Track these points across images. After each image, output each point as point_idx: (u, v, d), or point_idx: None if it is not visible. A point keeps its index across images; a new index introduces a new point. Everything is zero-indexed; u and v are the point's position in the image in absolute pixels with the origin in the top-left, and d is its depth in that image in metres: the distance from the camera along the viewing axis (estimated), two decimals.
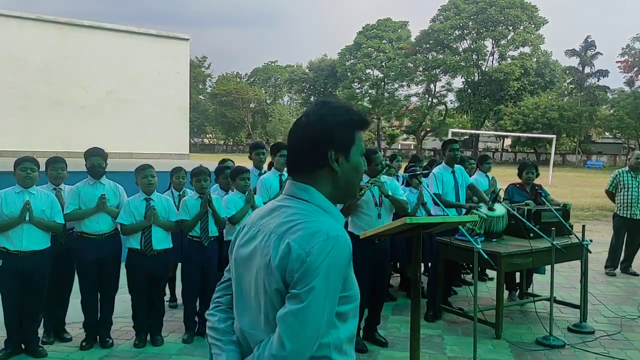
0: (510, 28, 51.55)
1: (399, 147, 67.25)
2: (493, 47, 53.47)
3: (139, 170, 4.66)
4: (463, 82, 55.07)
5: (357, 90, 59.84)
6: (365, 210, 4.55)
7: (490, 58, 54.23)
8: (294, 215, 1.41)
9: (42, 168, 4.49)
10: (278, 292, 1.36)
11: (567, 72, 54.69)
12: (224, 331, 1.55)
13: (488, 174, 6.90)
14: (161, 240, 4.64)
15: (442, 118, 57.51)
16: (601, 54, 52.86)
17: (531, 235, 5.17)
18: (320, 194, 1.46)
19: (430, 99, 58.14)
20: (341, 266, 1.37)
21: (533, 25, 51.63)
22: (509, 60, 51.84)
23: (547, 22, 52.13)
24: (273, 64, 75.99)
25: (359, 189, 1.59)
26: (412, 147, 65.72)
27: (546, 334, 4.90)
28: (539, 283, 6.39)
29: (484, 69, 53.47)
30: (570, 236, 5.42)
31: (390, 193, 4.58)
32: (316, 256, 1.31)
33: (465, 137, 52.99)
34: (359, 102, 61.11)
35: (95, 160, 4.58)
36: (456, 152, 5.73)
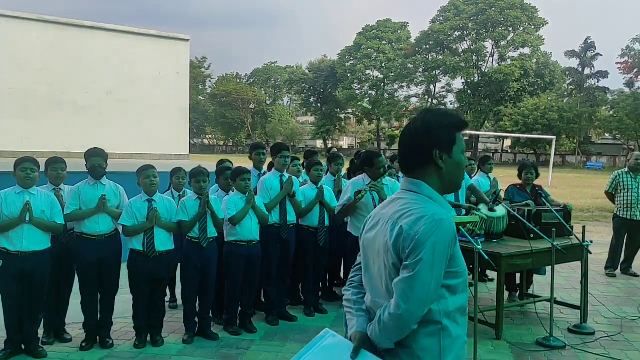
0: (510, 29, 51.57)
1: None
2: (493, 48, 53.48)
3: (141, 171, 4.66)
4: (463, 83, 55.09)
5: (357, 91, 59.87)
6: (364, 212, 4.56)
7: (490, 59, 54.26)
8: (406, 204, 1.74)
9: (42, 169, 4.49)
10: (394, 266, 1.69)
11: (567, 73, 54.64)
12: (355, 301, 1.91)
13: (490, 175, 6.90)
14: (164, 242, 4.64)
15: None
16: (601, 55, 52.80)
17: (531, 236, 5.17)
18: (428, 186, 1.76)
19: (430, 100, 58.16)
20: (445, 243, 1.64)
21: (533, 27, 51.64)
22: (509, 62, 51.83)
23: (547, 23, 52.17)
24: (273, 65, 76.01)
25: (461, 183, 1.86)
26: None
27: (546, 335, 4.90)
28: (539, 284, 6.39)
29: (483, 70, 53.47)
30: (571, 237, 5.42)
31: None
32: (423, 235, 1.62)
33: (465, 138, 52.78)
34: (359, 103, 61.14)
35: (96, 160, 4.58)
36: None
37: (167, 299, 5.32)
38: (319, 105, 66.21)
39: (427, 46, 54.18)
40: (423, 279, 1.61)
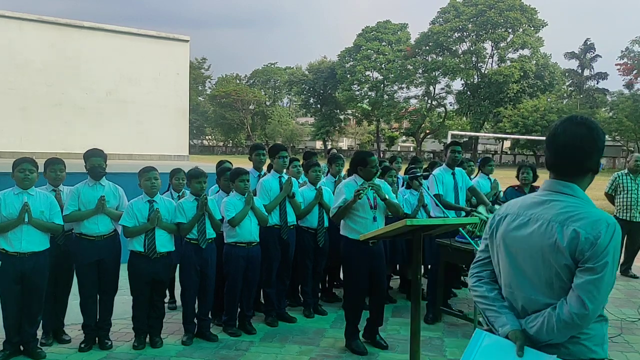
0: (510, 30, 51.59)
1: (398, 149, 67.28)
2: (492, 50, 53.51)
3: (143, 172, 4.66)
4: (462, 84, 55.11)
5: (357, 92, 59.86)
6: (361, 213, 4.53)
7: (490, 60, 54.29)
8: (568, 207, 1.85)
9: (41, 169, 4.48)
10: (567, 266, 1.80)
11: (567, 74, 54.73)
12: (494, 298, 2.00)
13: (490, 176, 6.89)
14: (165, 243, 4.63)
15: (441, 120, 57.53)
16: (600, 56, 53.00)
17: None
18: (581, 190, 1.90)
19: (429, 101, 58.16)
20: (619, 245, 1.81)
21: (532, 28, 51.68)
22: (508, 63, 51.85)
23: (547, 24, 52.20)
24: (272, 66, 75.99)
25: None
26: (411, 149, 65.73)
27: None
28: None
29: (483, 71, 53.50)
30: None
31: (387, 197, 4.57)
32: (604, 239, 1.75)
33: (465, 139, 52.99)
34: (359, 104, 61.14)
35: (96, 160, 4.57)
36: (457, 154, 5.75)
37: (166, 300, 5.30)
38: (318, 106, 66.22)
39: (427, 47, 54.19)
40: (608, 280, 1.77)
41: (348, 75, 58.39)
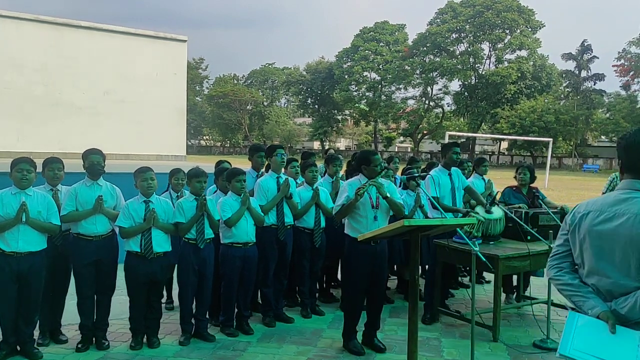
0: (507, 31, 51.69)
1: (396, 150, 67.32)
2: (490, 51, 53.61)
3: (139, 172, 4.64)
4: (460, 85, 55.21)
5: (354, 93, 59.94)
6: (362, 212, 4.53)
7: (487, 61, 54.37)
8: None
9: (39, 169, 4.47)
10: None
11: (564, 75, 54.76)
12: (579, 285, 2.30)
13: (484, 176, 6.90)
14: (161, 243, 4.62)
15: (439, 121, 57.60)
16: (597, 57, 52.98)
17: (528, 238, 5.17)
18: None
19: (427, 102, 58.24)
20: None
21: (530, 29, 51.80)
22: (506, 64, 51.96)
23: (544, 25, 52.32)
24: (270, 66, 76.03)
25: None
26: (408, 150, 65.77)
27: (543, 337, 4.91)
28: (536, 286, 6.40)
29: (480, 72, 53.58)
30: None
31: (388, 195, 4.56)
32: None
33: (462, 140, 53.04)
34: (356, 105, 61.19)
35: (95, 158, 4.56)
36: (458, 155, 5.77)
37: (163, 300, 5.30)
38: (316, 106, 66.26)
39: (424, 48, 54.23)
40: None
41: (346, 76, 58.45)
